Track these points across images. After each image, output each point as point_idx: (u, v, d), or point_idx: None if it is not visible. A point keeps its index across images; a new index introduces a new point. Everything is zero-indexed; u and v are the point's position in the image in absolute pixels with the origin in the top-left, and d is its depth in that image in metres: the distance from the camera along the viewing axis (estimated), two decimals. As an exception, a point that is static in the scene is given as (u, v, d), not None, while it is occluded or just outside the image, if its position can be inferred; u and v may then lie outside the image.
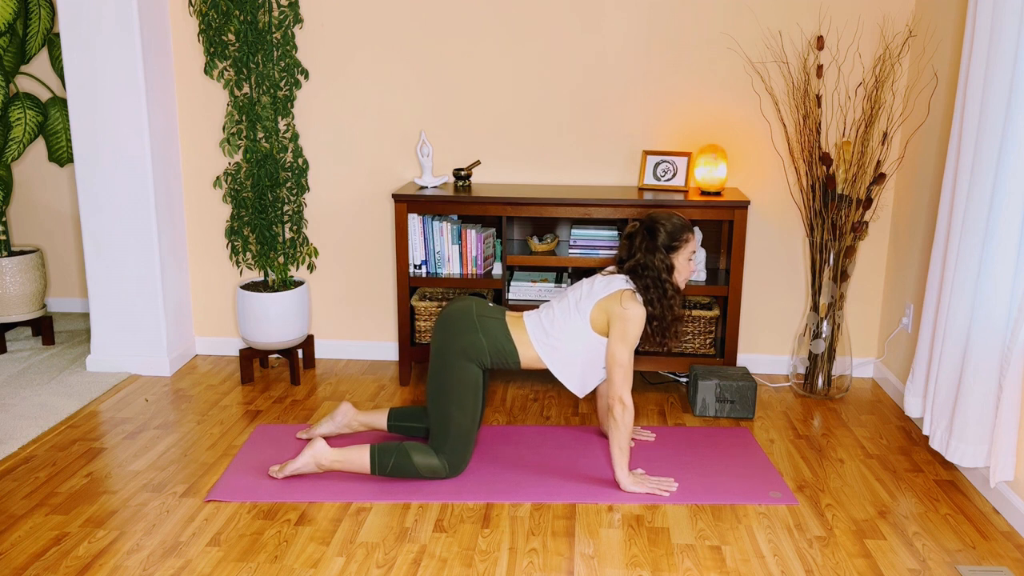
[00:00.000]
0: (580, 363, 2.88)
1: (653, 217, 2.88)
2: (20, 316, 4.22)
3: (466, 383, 2.83)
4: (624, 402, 2.79)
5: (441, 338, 2.87)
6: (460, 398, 2.83)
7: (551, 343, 2.86)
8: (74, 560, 2.46)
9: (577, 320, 2.84)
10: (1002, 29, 2.63)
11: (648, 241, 2.84)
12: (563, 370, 2.89)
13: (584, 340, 2.85)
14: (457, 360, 2.82)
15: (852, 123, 3.66)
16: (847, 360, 3.76)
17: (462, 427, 2.85)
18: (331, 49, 3.88)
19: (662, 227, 2.84)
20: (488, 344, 2.83)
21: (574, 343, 2.85)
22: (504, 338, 2.85)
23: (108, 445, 3.21)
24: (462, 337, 2.83)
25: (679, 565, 2.46)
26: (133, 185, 3.76)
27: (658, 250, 2.83)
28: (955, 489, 2.94)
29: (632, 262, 2.86)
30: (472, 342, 2.82)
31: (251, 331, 3.78)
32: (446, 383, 2.84)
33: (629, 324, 2.78)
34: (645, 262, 2.83)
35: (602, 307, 2.82)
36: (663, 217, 2.87)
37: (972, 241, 2.79)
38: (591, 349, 2.86)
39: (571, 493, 2.85)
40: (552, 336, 2.86)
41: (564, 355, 2.87)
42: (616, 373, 2.80)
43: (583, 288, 2.91)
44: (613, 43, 3.79)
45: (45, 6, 4.09)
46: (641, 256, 2.84)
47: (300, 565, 2.44)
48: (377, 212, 4.03)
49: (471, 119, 3.92)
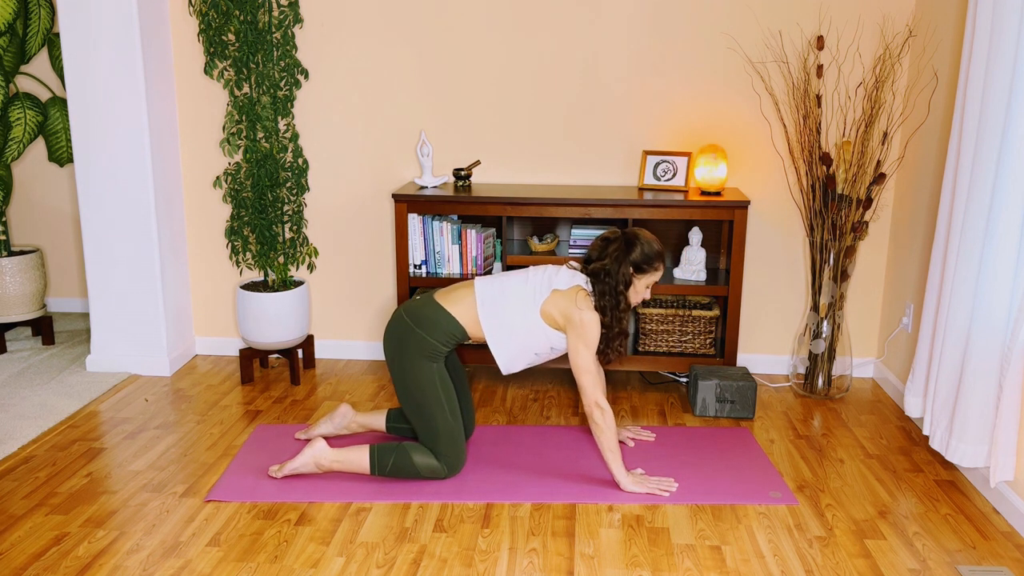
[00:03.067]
0: (517, 341, 2.86)
1: (635, 233, 2.87)
2: (20, 316, 4.22)
3: (429, 383, 2.83)
4: (600, 405, 2.80)
5: (389, 353, 2.89)
6: (431, 397, 2.83)
7: (496, 311, 2.84)
8: (74, 560, 2.46)
9: (529, 302, 2.83)
10: (1002, 29, 2.63)
11: (622, 252, 2.83)
12: (498, 342, 2.85)
13: (527, 320, 2.83)
14: (412, 363, 2.82)
15: (852, 123, 3.66)
16: (847, 360, 3.76)
17: (446, 425, 2.85)
18: (331, 49, 3.88)
19: (640, 245, 2.83)
20: (430, 334, 2.82)
21: (517, 319, 2.83)
22: (442, 318, 2.83)
23: (108, 445, 3.21)
24: (405, 343, 2.83)
25: (679, 565, 2.46)
26: (133, 185, 3.76)
27: (626, 264, 2.82)
28: (955, 489, 2.94)
29: (598, 265, 2.84)
30: (416, 342, 2.82)
31: (251, 331, 3.78)
32: (412, 391, 2.84)
33: (587, 328, 2.78)
34: (609, 269, 2.82)
35: (555, 301, 2.81)
36: (645, 238, 2.86)
37: (972, 241, 2.79)
38: (531, 332, 2.84)
39: (571, 493, 2.85)
40: (499, 305, 2.84)
41: (505, 328, 2.84)
42: (584, 379, 2.80)
43: (547, 273, 2.89)
44: (613, 43, 3.79)
45: (45, 6, 4.09)
46: (609, 262, 2.82)
47: (300, 565, 2.44)
48: (377, 212, 4.03)
49: (471, 119, 3.92)
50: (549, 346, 2.88)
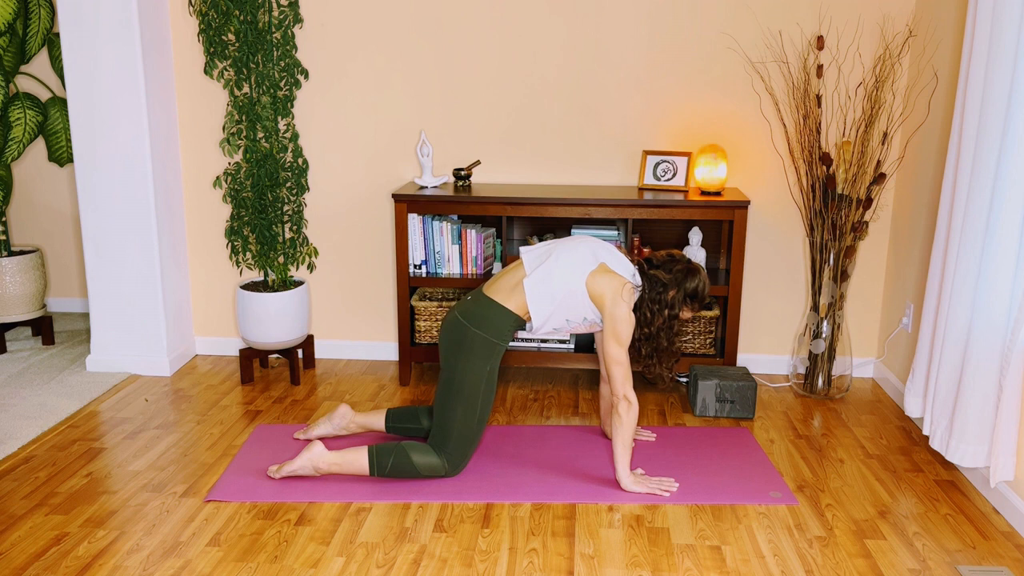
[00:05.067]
0: (557, 301, 2.85)
1: (699, 268, 2.95)
2: (20, 316, 4.23)
3: (476, 382, 2.83)
4: (629, 399, 2.80)
5: (446, 353, 2.89)
6: (469, 399, 2.83)
7: (543, 273, 2.84)
8: (74, 560, 2.46)
9: (578, 267, 2.84)
10: (1002, 29, 2.63)
11: (683, 276, 2.90)
12: (538, 298, 2.85)
13: (571, 285, 2.83)
14: (466, 362, 2.83)
15: (852, 123, 3.66)
16: (847, 360, 3.76)
17: (467, 427, 2.85)
18: (331, 49, 3.88)
19: (699, 280, 2.92)
20: (486, 330, 2.83)
21: (560, 282, 2.83)
22: (494, 312, 2.84)
23: (108, 445, 3.21)
24: (465, 343, 2.84)
25: (679, 565, 2.46)
26: (133, 185, 3.76)
27: (682, 289, 2.89)
28: (955, 489, 2.94)
29: (660, 273, 2.89)
30: (471, 340, 2.83)
31: (251, 331, 3.78)
32: (455, 384, 2.84)
33: (619, 323, 2.80)
34: (667, 284, 2.88)
35: (602, 277, 2.82)
36: (704, 278, 2.95)
37: (972, 241, 2.79)
38: (572, 295, 2.84)
39: (571, 493, 2.85)
40: (545, 268, 2.84)
41: (547, 289, 2.84)
42: (615, 371, 2.81)
43: (596, 243, 2.92)
44: (613, 43, 3.80)
45: (45, 6, 4.09)
46: (668, 277, 2.89)
47: (300, 565, 2.44)
48: (377, 212, 4.03)
49: (471, 119, 3.92)
50: (583, 315, 2.89)
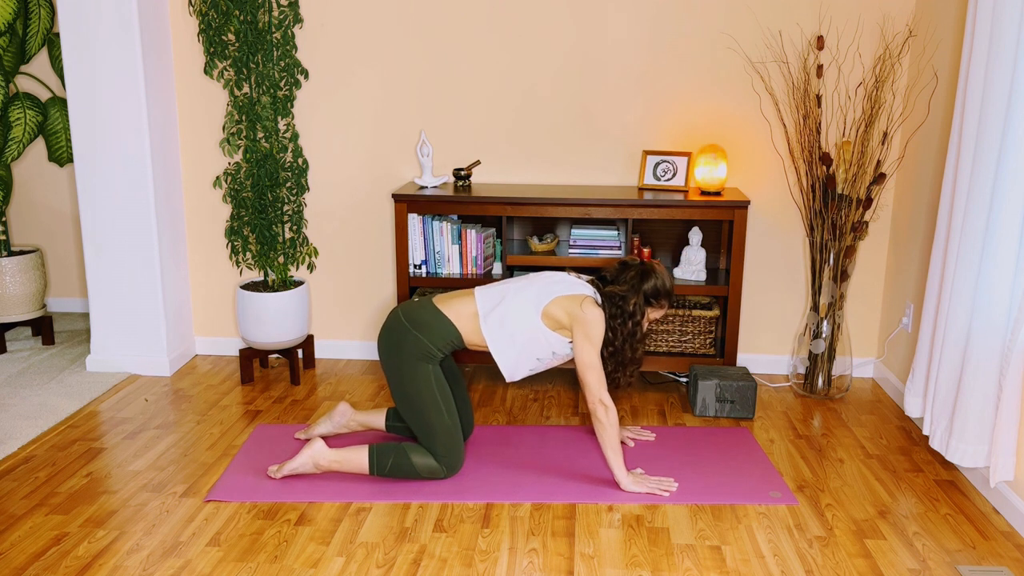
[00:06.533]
0: (518, 346, 2.86)
1: (654, 267, 2.91)
2: (20, 316, 4.22)
3: (425, 383, 2.82)
4: (605, 403, 2.80)
5: (384, 354, 2.89)
6: (428, 399, 2.82)
7: (496, 319, 2.84)
8: (74, 560, 2.46)
9: (530, 307, 2.83)
10: (1002, 29, 2.63)
11: (638, 281, 2.86)
12: (500, 349, 2.86)
13: (528, 325, 2.83)
14: (409, 366, 2.82)
15: (852, 123, 3.66)
16: (847, 360, 3.76)
17: (443, 425, 2.84)
18: (331, 49, 3.88)
19: (655, 279, 2.87)
20: (427, 337, 2.82)
21: (518, 325, 2.83)
22: (439, 324, 2.84)
23: (108, 445, 3.21)
24: (401, 343, 2.83)
25: (679, 565, 2.46)
26: (133, 185, 3.76)
27: (640, 293, 2.85)
28: (955, 489, 2.94)
29: (615, 288, 2.86)
30: (412, 343, 2.82)
31: (251, 331, 3.78)
32: (408, 391, 2.84)
33: (590, 325, 2.79)
34: (626, 295, 2.84)
35: (559, 303, 2.82)
36: (662, 274, 2.90)
37: (972, 241, 2.79)
38: (533, 339, 2.84)
39: (571, 493, 2.85)
40: (499, 313, 2.84)
41: (506, 335, 2.84)
42: (589, 376, 2.80)
43: (545, 279, 2.90)
44: (613, 43, 3.79)
45: (45, 6, 4.09)
46: (627, 288, 2.85)
47: (300, 565, 2.44)
48: (377, 212, 4.03)
49: (471, 119, 3.92)
50: (551, 351, 2.88)
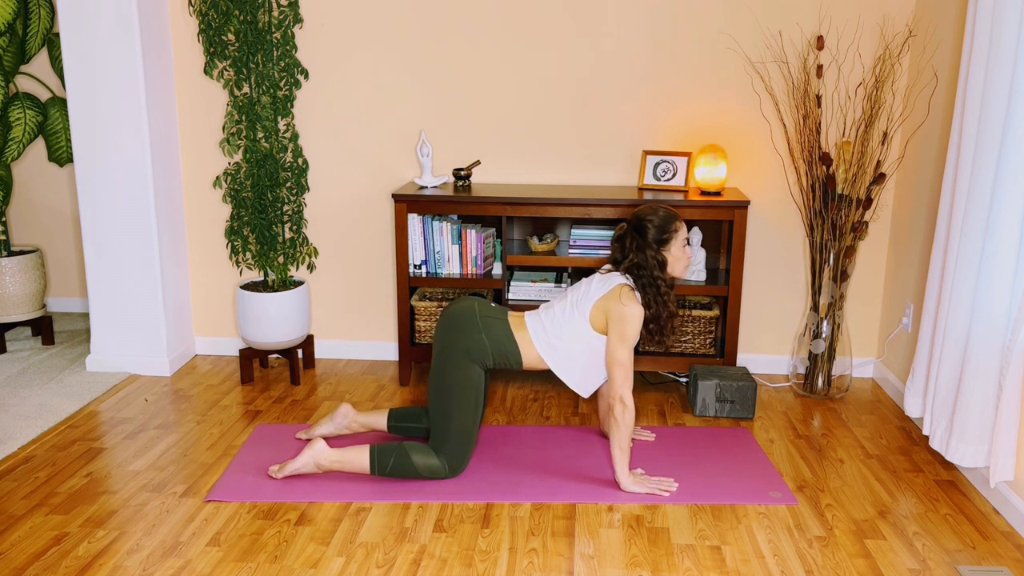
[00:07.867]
0: (580, 362, 2.89)
1: (639, 215, 2.89)
2: (20, 316, 4.22)
3: (468, 383, 2.83)
4: (624, 401, 2.79)
5: (444, 338, 2.87)
6: (461, 398, 2.83)
7: (551, 342, 2.86)
8: (74, 560, 2.46)
9: (577, 319, 2.85)
10: (1002, 29, 2.62)
11: (638, 239, 2.86)
12: (564, 369, 2.90)
13: (584, 339, 2.85)
14: (460, 360, 2.83)
15: (852, 123, 3.66)
16: (847, 360, 3.76)
17: (463, 427, 2.85)
18: (331, 49, 3.88)
19: (650, 223, 2.86)
20: (491, 344, 2.83)
21: (574, 342, 2.86)
22: (506, 338, 2.86)
23: (108, 445, 3.21)
24: (465, 337, 2.83)
25: (679, 565, 2.46)
26: (133, 185, 3.76)
27: (649, 247, 2.85)
28: (955, 489, 2.94)
29: (627, 263, 2.88)
30: (475, 342, 2.83)
31: (251, 331, 3.78)
32: (448, 383, 2.84)
33: (627, 323, 2.79)
34: (638, 261, 2.85)
35: (600, 306, 2.83)
36: (648, 212, 2.88)
37: (972, 241, 2.79)
38: (592, 349, 2.86)
39: (571, 493, 2.85)
40: (552, 335, 2.86)
41: (564, 354, 2.87)
42: (616, 372, 2.81)
43: (582, 288, 2.92)
44: (613, 43, 3.79)
45: (45, 6, 4.09)
46: (634, 256, 2.85)
47: (300, 565, 2.44)
48: (377, 212, 4.03)
49: (471, 119, 3.92)
50: None
